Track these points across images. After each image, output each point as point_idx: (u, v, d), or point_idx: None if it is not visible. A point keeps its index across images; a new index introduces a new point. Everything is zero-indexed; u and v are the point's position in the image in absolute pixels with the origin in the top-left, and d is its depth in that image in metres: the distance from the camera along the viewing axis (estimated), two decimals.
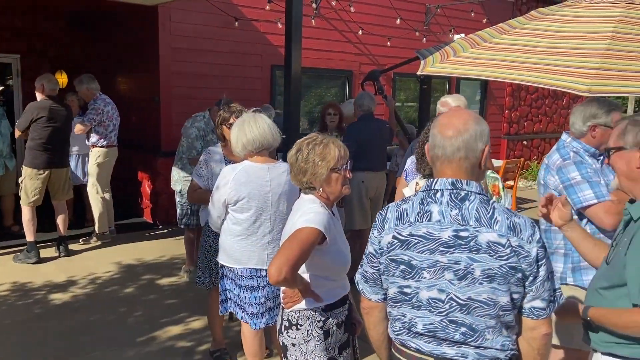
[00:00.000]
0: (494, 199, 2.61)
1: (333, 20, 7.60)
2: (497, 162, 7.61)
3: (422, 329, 1.55)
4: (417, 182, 2.49)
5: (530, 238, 1.48)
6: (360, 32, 7.82)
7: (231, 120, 3.14)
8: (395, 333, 1.64)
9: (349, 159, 4.69)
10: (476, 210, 1.50)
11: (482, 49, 3.68)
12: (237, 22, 6.65)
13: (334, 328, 2.07)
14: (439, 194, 1.54)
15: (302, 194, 2.12)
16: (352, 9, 7.55)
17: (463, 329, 1.51)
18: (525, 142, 11.14)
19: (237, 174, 2.68)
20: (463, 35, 6.58)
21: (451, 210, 1.51)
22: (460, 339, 1.52)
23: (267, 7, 6.85)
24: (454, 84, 9.43)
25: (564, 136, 2.80)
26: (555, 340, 2.70)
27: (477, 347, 1.51)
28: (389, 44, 8.13)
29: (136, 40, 6.82)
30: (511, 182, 8.24)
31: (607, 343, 1.79)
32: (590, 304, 1.83)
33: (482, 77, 3.47)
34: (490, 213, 1.49)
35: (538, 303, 1.52)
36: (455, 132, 1.52)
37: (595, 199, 2.47)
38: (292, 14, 4.15)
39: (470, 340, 1.51)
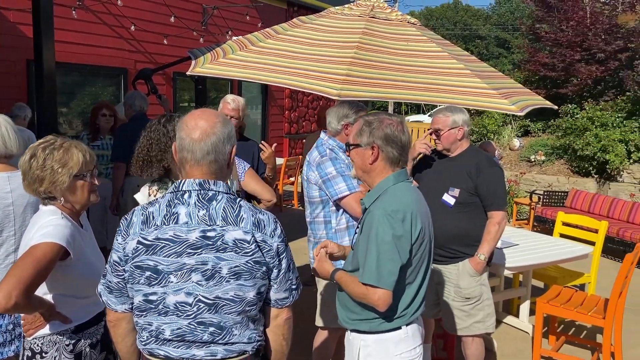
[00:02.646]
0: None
1: (100, 13, 7.03)
2: (279, 160, 8.00)
3: (169, 335, 1.52)
4: (148, 186, 2.43)
5: (272, 233, 1.56)
6: (132, 27, 7.39)
7: None
8: (143, 343, 1.58)
9: (123, 162, 4.45)
10: (223, 210, 1.52)
11: (249, 52, 3.80)
12: None
13: (87, 349, 1.90)
14: (186, 195, 1.53)
15: (41, 206, 1.89)
16: (119, 2, 7.08)
17: (212, 329, 1.53)
18: (304, 141, 11.94)
19: None
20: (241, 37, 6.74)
21: (199, 211, 1.51)
22: (208, 339, 1.53)
23: None
24: (236, 85, 9.59)
25: (322, 135, 3.06)
26: (320, 322, 2.94)
27: (226, 344, 1.55)
28: (165, 42, 7.87)
29: None
30: (292, 179, 8.77)
31: (352, 320, 2.02)
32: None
33: (248, 79, 3.58)
34: (237, 211, 1.53)
35: (282, 294, 1.62)
36: (203, 135, 1.52)
37: (347, 190, 2.77)
38: (40, 2, 3.69)
39: (218, 338, 1.54)
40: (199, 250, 1.49)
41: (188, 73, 3.86)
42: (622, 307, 3.74)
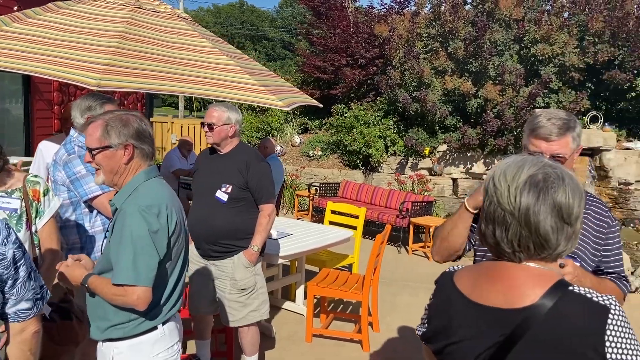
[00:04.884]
0: (34, 204, 2.35)
1: None
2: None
3: None
4: None
5: (5, 240, 1.41)
6: None
7: None
8: None
9: None
10: None
11: None
12: None
13: None
14: None
15: None
16: None
17: None
18: None
19: None
20: None
21: None
22: None
23: None
24: None
25: (72, 132, 2.80)
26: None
27: None
28: None
29: None
30: None
31: (105, 330, 1.88)
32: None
33: None
34: None
35: (23, 305, 1.46)
36: None
37: (99, 190, 2.60)
38: None
39: None
40: None
41: None
42: (377, 281, 4.29)
